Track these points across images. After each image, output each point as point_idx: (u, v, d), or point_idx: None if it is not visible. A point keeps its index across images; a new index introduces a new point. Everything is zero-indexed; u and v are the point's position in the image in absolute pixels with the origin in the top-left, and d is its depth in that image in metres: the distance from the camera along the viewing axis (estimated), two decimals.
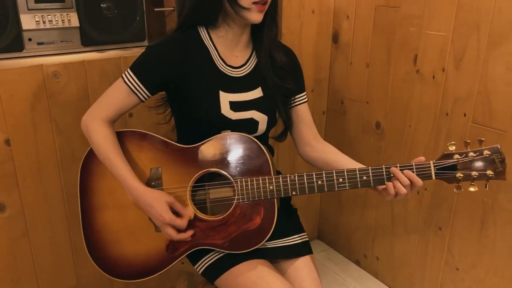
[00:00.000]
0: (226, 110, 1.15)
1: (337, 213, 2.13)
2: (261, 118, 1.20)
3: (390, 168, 1.06)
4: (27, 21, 1.38)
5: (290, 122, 1.29)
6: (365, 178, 1.07)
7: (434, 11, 1.51)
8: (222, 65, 1.18)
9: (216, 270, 1.16)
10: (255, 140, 1.13)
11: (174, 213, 1.10)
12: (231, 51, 1.20)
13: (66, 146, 1.44)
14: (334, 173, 1.08)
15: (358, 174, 1.07)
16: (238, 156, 1.12)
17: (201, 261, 1.19)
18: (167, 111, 1.31)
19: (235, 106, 1.17)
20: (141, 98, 1.15)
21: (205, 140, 1.14)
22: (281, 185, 1.10)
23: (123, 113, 1.17)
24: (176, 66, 1.14)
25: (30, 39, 1.40)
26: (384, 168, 1.06)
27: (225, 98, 1.16)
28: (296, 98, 1.28)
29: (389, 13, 1.67)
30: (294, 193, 1.10)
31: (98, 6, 1.48)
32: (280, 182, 1.10)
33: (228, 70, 1.18)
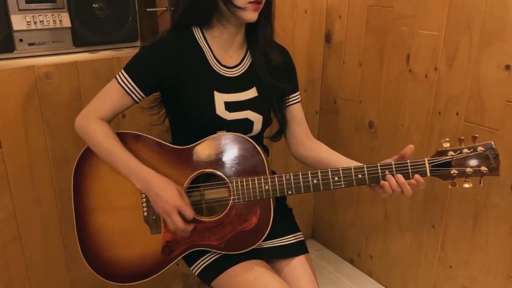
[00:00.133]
0: (221, 110, 1.15)
1: (330, 212, 2.14)
2: (256, 118, 1.20)
3: (386, 175, 1.06)
4: (18, 21, 1.36)
5: (284, 122, 1.29)
6: (360, 176, 1.07)
7: (426, 11, 1.52)
8: (216, 65, 1.17)
9: (212, 271, 1.15)
10: (250, 140, 1.12)
11: None
12: (226, 51, 1.19)
13: (58, 148, 1.42)
14: (330, 171, 1.08)
15: (353, 173, 1.08)
16: (233, 156, 1.12)
17: (197, 262, 1.18)
18: (161, 112, 1.30)
19: (230, 107, 1.16)
20: (135, 99, 1.14)
21: (199, 140, 1.13)
22: (276, 184, 1.10)
23: (117, 114, 1.16)
24: (170, 66, 1.13)
25: (21, 40, 1.39)
26: (379, 166, 1.07)
27: (220, 99, 1.15)
28: (290, 97, 1.28)
29: (381, 12, 1.68)
30: (290, 192, 1.10)
31: (90, 6, 1.47)
32: (275, 181, 1.09)
33: (222, 70, 1.18)
